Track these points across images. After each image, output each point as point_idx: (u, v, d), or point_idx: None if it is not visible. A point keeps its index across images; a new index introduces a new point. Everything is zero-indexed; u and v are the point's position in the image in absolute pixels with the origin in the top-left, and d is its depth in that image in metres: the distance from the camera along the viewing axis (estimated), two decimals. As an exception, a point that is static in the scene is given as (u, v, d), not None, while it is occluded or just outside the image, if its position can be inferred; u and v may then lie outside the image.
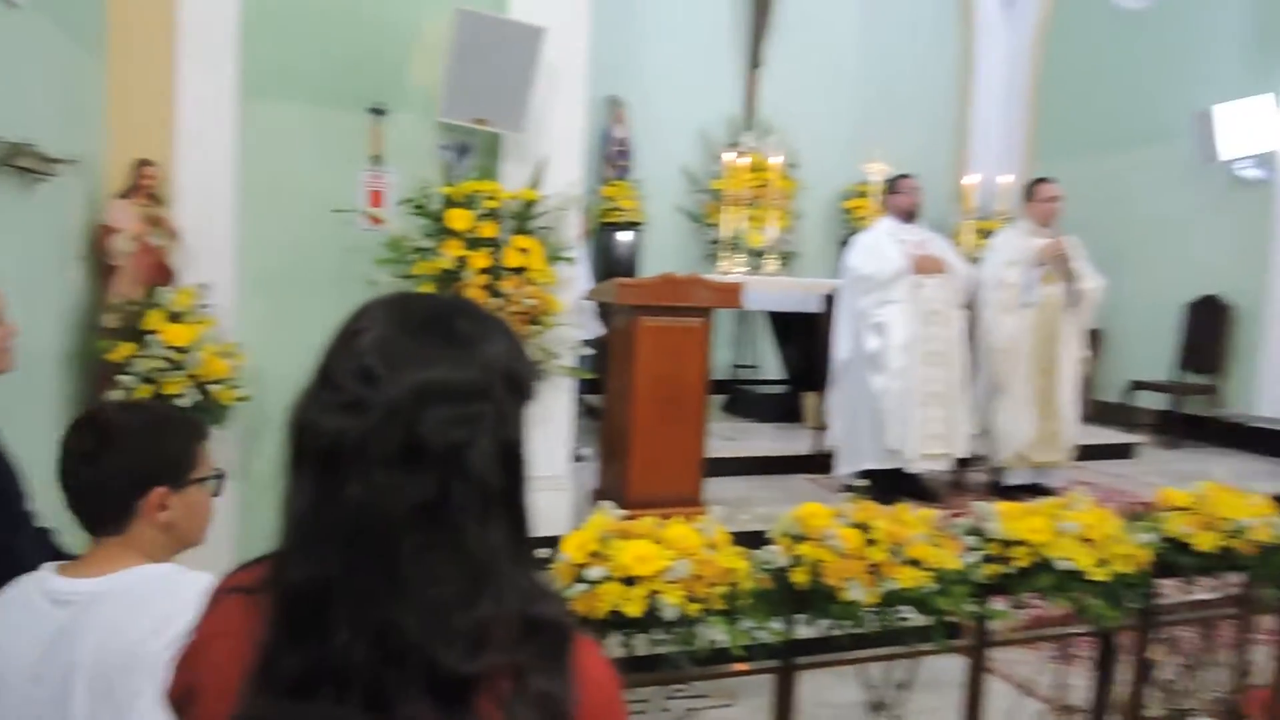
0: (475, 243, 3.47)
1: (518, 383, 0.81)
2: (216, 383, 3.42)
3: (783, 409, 6.53)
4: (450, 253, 3.42)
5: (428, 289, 3.44)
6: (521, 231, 3.58)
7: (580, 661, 0.79)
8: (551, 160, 3.75)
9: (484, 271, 3.45)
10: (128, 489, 1.39)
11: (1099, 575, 2.24)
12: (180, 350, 3.34)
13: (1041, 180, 5.07)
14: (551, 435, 4.00)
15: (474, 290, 3.42)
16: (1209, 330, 6.95)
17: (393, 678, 0.71)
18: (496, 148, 3.79)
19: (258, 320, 3.72)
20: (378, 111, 3.72)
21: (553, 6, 3.77)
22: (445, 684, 0.72)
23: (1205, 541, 2.44)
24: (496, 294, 3.47)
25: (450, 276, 3.44)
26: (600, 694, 0.81)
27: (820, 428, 5.28)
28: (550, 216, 3.67)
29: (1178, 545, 2.46)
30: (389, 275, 3.48)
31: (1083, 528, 2.24)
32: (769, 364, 7.66)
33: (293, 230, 3.74)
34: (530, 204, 3.62)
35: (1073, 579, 2.24)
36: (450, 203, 3.51)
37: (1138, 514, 2.58)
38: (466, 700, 0.72)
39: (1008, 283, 4.77)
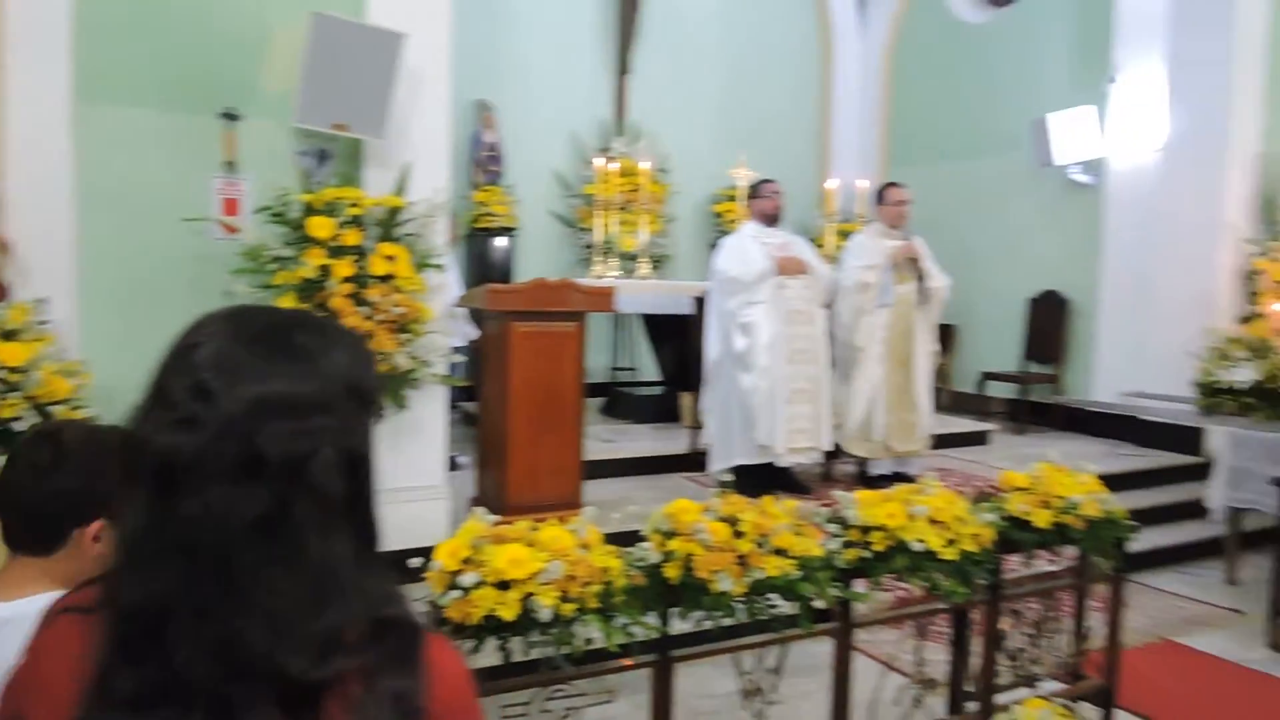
0: (338, 251, 3.39)
1: (362, 395, 0.82)
2: (58, 403, 3.21)
3: (660, 409, 6.64)
4: (312, 261, 3.32)
5: (289, 299, 3.34)
6: (387, 239, 3.52)
7: (432, 658, 0.81)
8: (417, 166, 3.70)
9: (349, 280, 3.37)
10: (68, 513, 1.32)
11: (949, 554, 2.40)
12: (15, 370, 3.12)
13: (890, 185, 5.35)
14: (426, 444, 3.95)
15: (339, 299, 3.33)
16: (1049, 323, 7.49)
17: (238, 691, 0.71)
18: (359, 153, 3.71)
19: (105, 336, 3.52)
20: (230, 116, 3.58)
21: (414, 11, 3.72)
22: (293, 692, 0.72)
23: (1042, 519, 2.64)
24: (363, 303, 3.39)
25: (313, 286, 3.34)
26: (454, 688, 0.83)
27: (697, 427, 5.40)
28: (417, 223, 3.61)
29: (1018, 523, 2.66)
30: (247, 286, 3.35)
31: (932, 511, 2.39)
32: (647, 366, 7.77)
33: (141, 240, 3.56)
34: (395, 210, 3.56)
35: (925, 559, 2.39)
36: (311, 210, 3.41)
37: (983, 496, 2.77)
38: (315, 706, 0.73)
39: (866, 283, 5.01)
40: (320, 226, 3.38)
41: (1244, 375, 4.48)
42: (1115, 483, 5.52)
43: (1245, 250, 5.76)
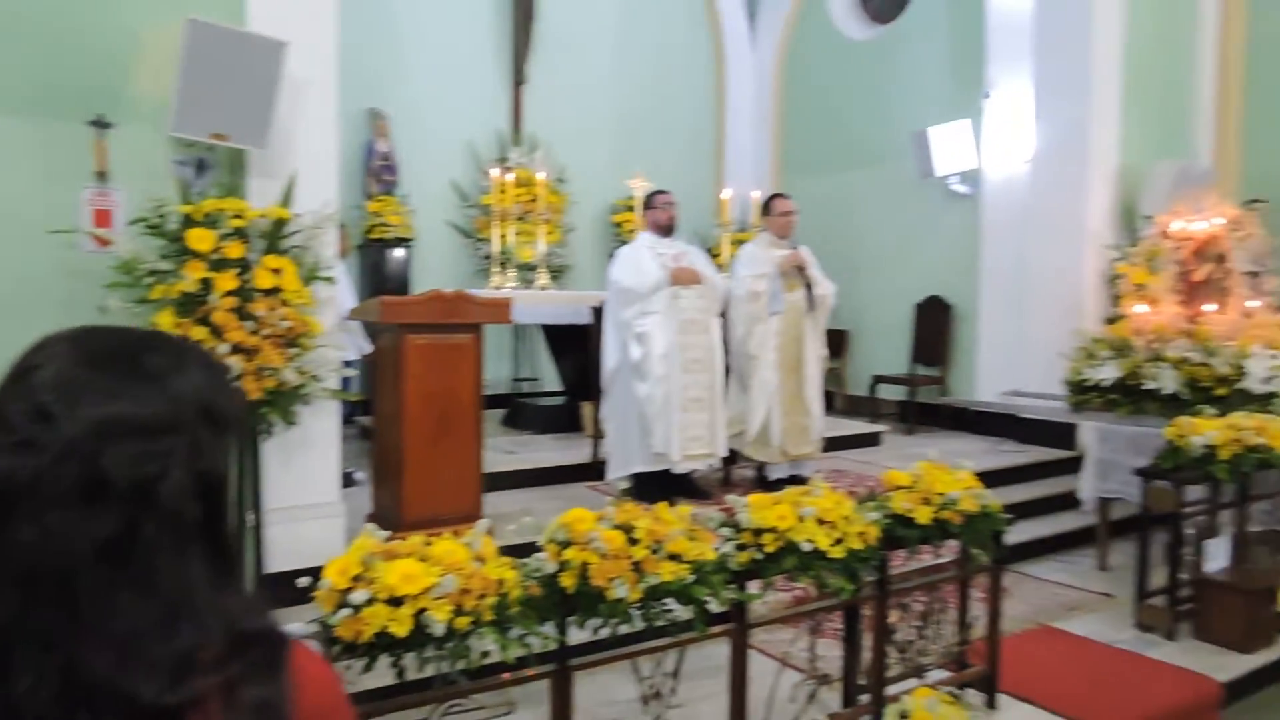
0: (220, 264, 3.26)
1: (216, 416, 0.81)
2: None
3: (562, 419, 6.64)
4: (192, 275, 3.20)
5: (168, 314, 3.20)
6: (273, 251, 3.41)
7: (297, 664, 0.81)
8: (304, 176, 3.60)
9: (232, 294, 3.26)
10: None
11: (836, 553, 2.48)
12: None
13: (776, 196, 5.51)
14: (319, 460, 3.84)
15: (221, 314, 3.21)
16: (935, 328, 7.82)
17: (84, 719, 0.69)
18: (242, 163, 3.59)
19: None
20: (100, 125, 3.41)
21: (299, 18, 3.63)
22: (146, 717, 0.71)
23: (923, 515, 2.77)
24: (247, 317, 3.28)
25: (193, 300, 3.21)
26: (321, 692, 0.83)
27: (598, 436, 5.42)
28: (305, 235, 3.52)
29: (902, 520, 2.77)
30: (121, 301, 3.20)
31: (820, 511, 2.48)
32: (548, 376, 7.76)
33: (4, 256, 3.36)
34: (281, 222, 3.46)
35: (815, 558, 2.47)
36: (190, 222, 3.28)
37: (868, 495, 2.87)
38: None
39: (756, 292, 5.14)
40: (200, 239, 3.26)
41: (1108, 373, 4.78)
42: (997, 478, 5.87)
43: (1108, 256, 6.15)
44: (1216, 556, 4.03)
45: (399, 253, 7.70)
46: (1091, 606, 4.42)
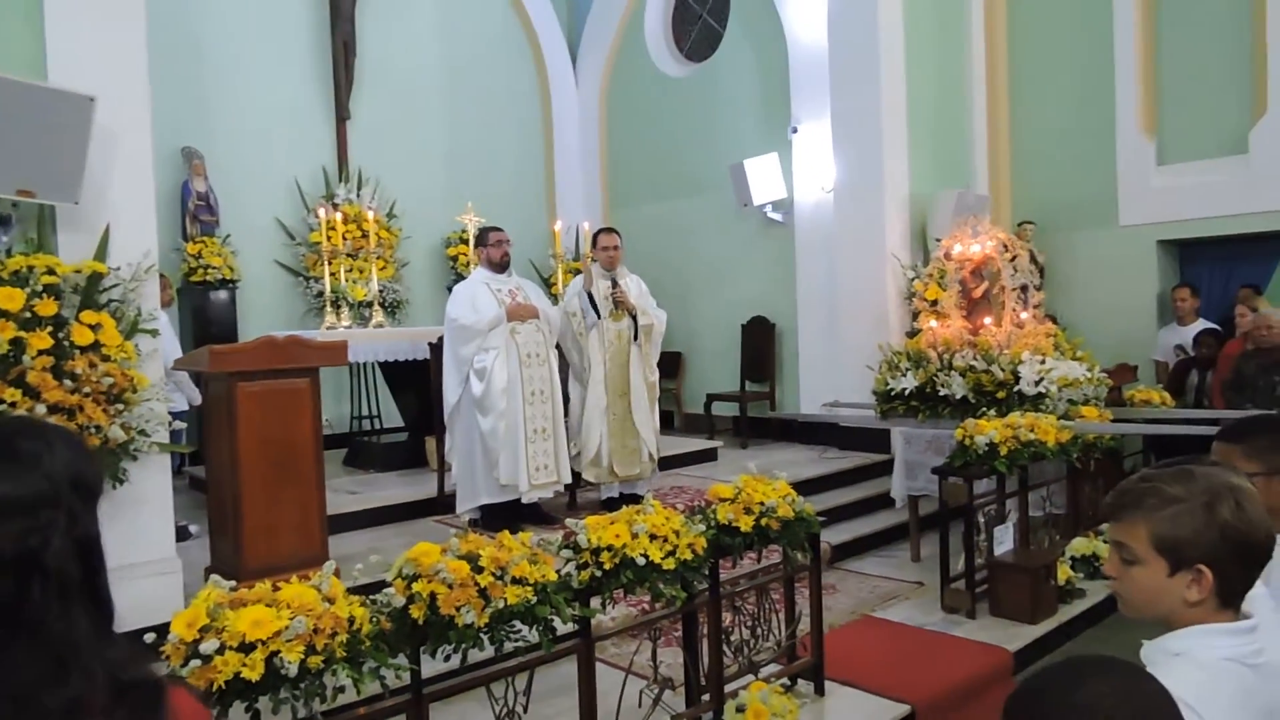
0: (31, 322, 3.15)
1: (85, 485, 0.93)
2: None
3: (406, 455, 6.61)
4: (1, 336, 3.07)
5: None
6: (90, 306, 3.32)
7: (174, 706, 0.92)
8: (119, 227, 3.50)
9: (46, 353, 3.14)
10: None
11: (669, 564, 2.71)
12: None
13: (601, 231, 5.78)
14: (151, 516, 3.72)
15: (36, 374, 3.09)
16: (761, 346, 8.32)
17: None
18: (50, 217, 3.46)
19: None
20: (-108, 180, 3.22)
21: (105, 69, 3.54)
22: None
23: (746, 523, 3.04)
24: (65, 376, 3.17)
25: (4, 362, 3.08)
26: None
27: (443, 470, 5.46)
28: (123, 288, 3.43)
29: (727, 530, 3.04)
30: (-78, 366, 3.03)
31: (651, 527, 2.69)
32: (389, 412, 7.68)
33: None
34: (97, 276, 3.36)
35: (650, 571, 2.68)
36: (-4, 280, 3.15)
37: (695, 508, 3.12)
38: None
39: (572, 312, 5.43)
40: (8, 298, 3.13)
41: (908, 382, 5.30)
42: (822, 484, 6.35)
43: (905, 275, 6.79)
44: (1004, 541, 4.56)
45: (222, 295, 7.45)
46: (906, 595, 4.87)
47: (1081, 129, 7.32)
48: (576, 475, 5.47)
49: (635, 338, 5.50)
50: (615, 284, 5.47)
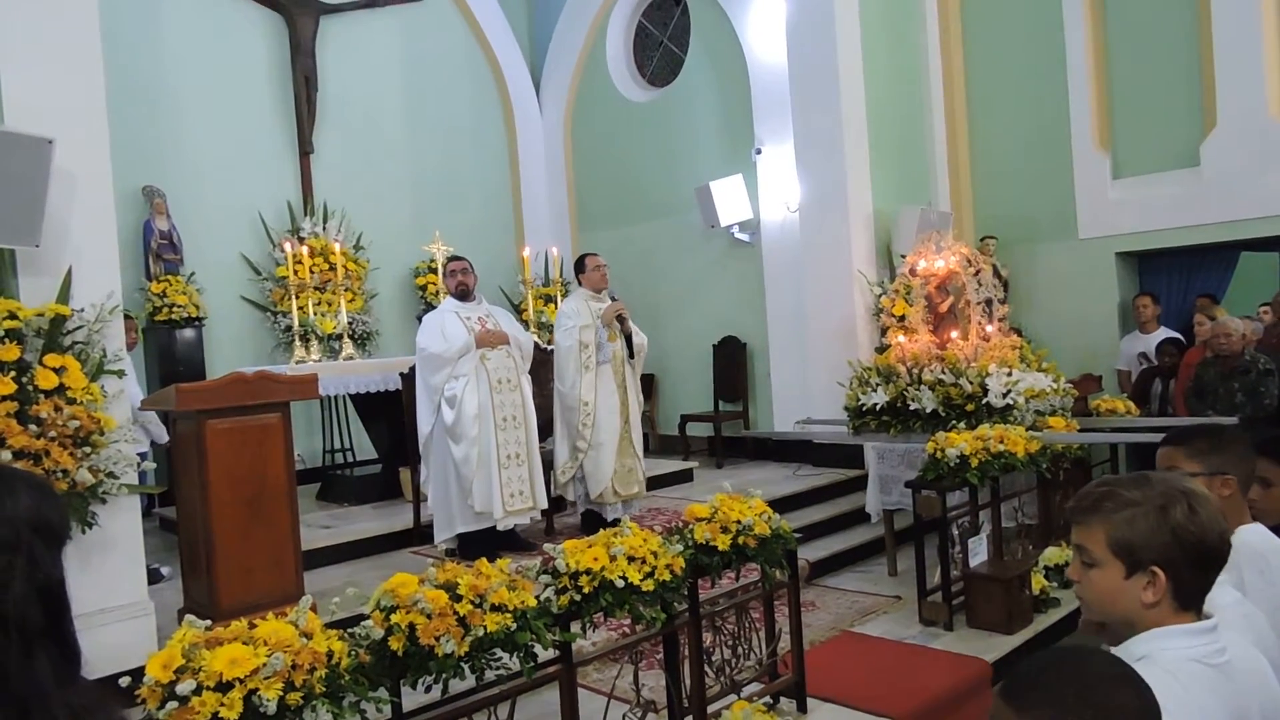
0: (-5, 366, 3.11)
1: (48, 530, 0.91)
2: None
3: (381, 487, 6.57)
4: (-36, 380, 3.03)
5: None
6: (53, 349, 3.28)
7: None
8: (82, 269, 3.47)
9: (9, 398, 3.09)
10: None
11: (648, 586, 2.71)
12: None
13: (587, 255, 5.80)
14: (122, 560, 3.66)
15: (0, 420, 3.05)
16: (732, 366, 8.37)
17: None
18: (9, 261, 3.42)
19: None
20: None
21: (64, 111, 3.52)
22: None
23: (723, 542, 3.05)
24: (30, 421, 3.13)
25: (-32, 406, 3.04)
26: None
27: (418, 500, 5.43)
28: (87, 330, 3.40)
29: (704, 549, 3.05)
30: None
31: (629, 549, 2.70)
32: (362, 444, 7.63)
33: None
34: (60, 319, 3.33)
35: (629, 593, 2.68)
36: (-45, 325, 3.11)
37: (672, 529, 3.13)
38: None
39: (585, 343, 5.39)
40: (-31, 342, 3.10)
41: (879, 397, 5.36)
42: (797, 501, 6.38)
43: (872, 292, 6.88)
44: (978, 552, 4.60)
45: (189, 333, 7.38)
46: (884, 609, 4.90)
47: (1039, 145, 7.48)
48: (554, 500, 5.45)
49: (630, 356, 5.53)
50: (614, 298, 5.50)
